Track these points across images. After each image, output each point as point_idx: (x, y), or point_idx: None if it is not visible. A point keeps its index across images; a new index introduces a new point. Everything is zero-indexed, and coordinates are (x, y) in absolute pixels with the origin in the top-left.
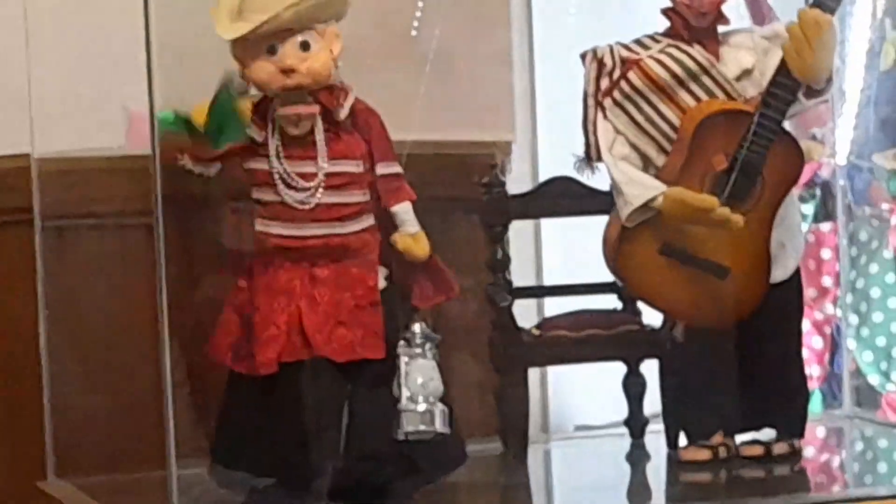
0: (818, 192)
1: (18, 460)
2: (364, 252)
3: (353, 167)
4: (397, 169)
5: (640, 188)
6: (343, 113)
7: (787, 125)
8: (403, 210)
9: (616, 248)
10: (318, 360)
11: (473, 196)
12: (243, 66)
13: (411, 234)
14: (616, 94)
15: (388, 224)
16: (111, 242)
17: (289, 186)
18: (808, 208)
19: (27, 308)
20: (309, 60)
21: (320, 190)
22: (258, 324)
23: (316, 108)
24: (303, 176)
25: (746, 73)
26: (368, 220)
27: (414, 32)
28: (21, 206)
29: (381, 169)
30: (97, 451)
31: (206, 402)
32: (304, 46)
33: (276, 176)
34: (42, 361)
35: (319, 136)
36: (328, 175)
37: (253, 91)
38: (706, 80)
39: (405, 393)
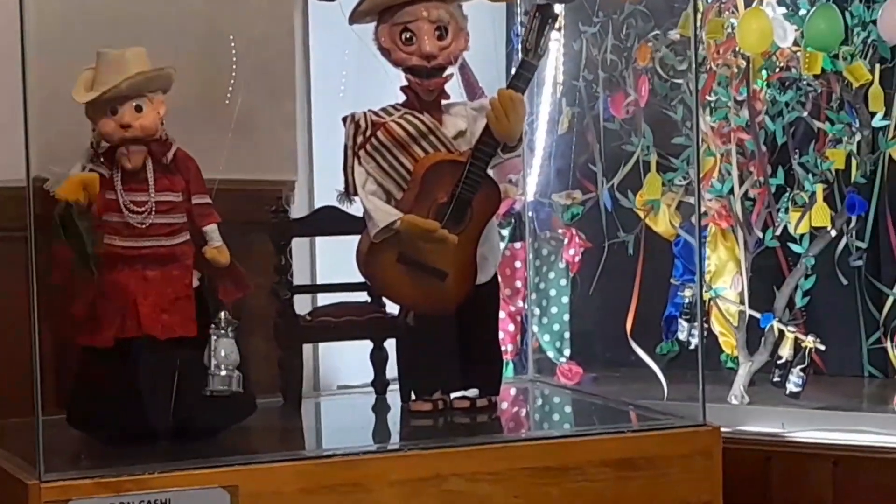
0: (513, 220)
1: None
2: (182, 259)
3: (175, 197)
4: (207, 199)
5: (385, 214)
6: (168, 158)
7: (490, 172)
8: (211, 229)
9: (366, 258)
10: (149, 337)
11: (265, 219)
12: (94, 123)
13: (216, 247)
14: (368, 147)
15: (199, 239)
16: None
17: (129, 211)
18: (506, 232)
19: None
20: (141, 119)
21: (152, 213)
22: (101, 311)
23: (143, 150)
24: (138, 203)
25: (461, 134)
26: (186, 236)
27: (227, 101)
28: None
29: (195, 199)
30: None
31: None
32: (138, 109)
33: (120, 203)
34: None
35: (150, 174)
36: (157, 203)
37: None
38: (432, 138)
39: (213, 362)
